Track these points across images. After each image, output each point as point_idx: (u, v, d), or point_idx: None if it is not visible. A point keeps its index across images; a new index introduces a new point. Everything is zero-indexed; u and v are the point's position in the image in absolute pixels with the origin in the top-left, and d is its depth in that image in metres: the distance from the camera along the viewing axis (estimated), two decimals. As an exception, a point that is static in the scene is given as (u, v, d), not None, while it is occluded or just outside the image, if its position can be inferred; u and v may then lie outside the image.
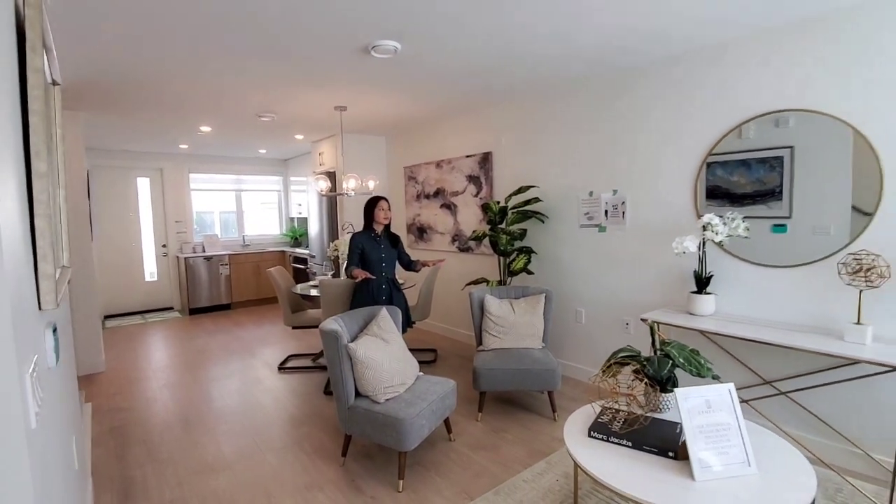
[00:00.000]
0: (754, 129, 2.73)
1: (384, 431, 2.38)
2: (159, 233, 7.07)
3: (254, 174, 7.88)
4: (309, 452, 2.77)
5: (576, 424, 2.05)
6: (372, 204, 3.39)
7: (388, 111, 4.50)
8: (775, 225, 2.69)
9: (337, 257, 4.27)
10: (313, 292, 4.18)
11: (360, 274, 3.18)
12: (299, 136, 5.83)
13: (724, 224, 2.72)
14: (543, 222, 3.97)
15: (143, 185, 6.96)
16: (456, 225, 4.94)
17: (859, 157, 2.37)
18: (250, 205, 7.97)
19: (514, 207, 3.94)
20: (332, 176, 5.82)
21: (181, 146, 6.38)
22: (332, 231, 5.96)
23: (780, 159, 2.65)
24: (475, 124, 4.61)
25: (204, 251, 7.11)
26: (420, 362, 4.33)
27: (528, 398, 3.44)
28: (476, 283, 4.09)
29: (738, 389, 2.87)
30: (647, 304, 3.31)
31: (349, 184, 4.19)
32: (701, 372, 1.96)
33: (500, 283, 3.93)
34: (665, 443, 1.78)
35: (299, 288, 4.38)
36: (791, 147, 2.60)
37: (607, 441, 1.88)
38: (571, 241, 3.79)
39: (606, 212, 3.54)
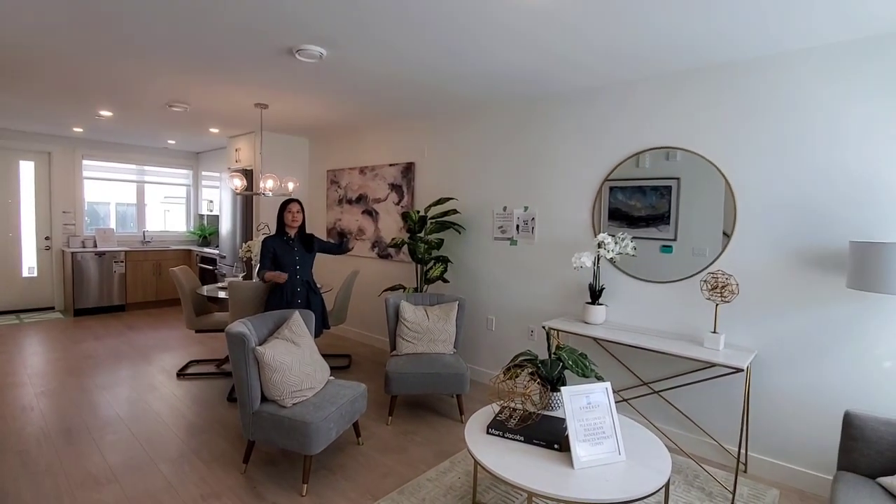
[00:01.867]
0: (650, 159, 3.10)
1: (290, 436, 2.36)
2: (42, 223, 6.31)
3: (160, 165, 7.31)
4: (207, 461, 2.65)
5: (477, 423, 2.20)
6: (282, 208, 3.36)
7: (312, 113, 4.46)
8: (663, 246, 3.06)
9: (250, 259, 4.12)
10: (221, 294, 4.00)
11: (273, 276, 3.13)
12: (214, 130, 5.55)
13: (616, 243, 3.06)
14: (460, 233, 4.16)
15: (27, 169, 6.18)
16: (377, 231, 4.98)
17: (726, 193, 2.81)
18: (154, 198, 7.38)
19: (433, 217, 4.08)
20: (248, 174, 5.60)
21: (75, 129, 5.77)
22: (247, 231, 5.71)
23: (669, 188, 3.03)
24: (400, 134, 4.71)
25: (95, 246, 6.45)
26: (334, 367, 4.30)
27: (438, 401, 3.57)
28: (393, 289, 4.17)
29: (621, 390, 3.22)
30: (550, 312, 3.60)
31: (267, 184, 4.08)
32: (586, 373, 2.20)
33: (416, 290, 4.04)
34: (552, 436, 1.98)
35: (206, 289, 4.17)
36: (678, 178, 2.99)
37: (503, 437, 2.05)
38: (485, 252, 4.01)
39: (518, 226, 3.79)
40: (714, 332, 2.65)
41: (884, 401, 2.33)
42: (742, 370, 2.37)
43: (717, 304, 2.68)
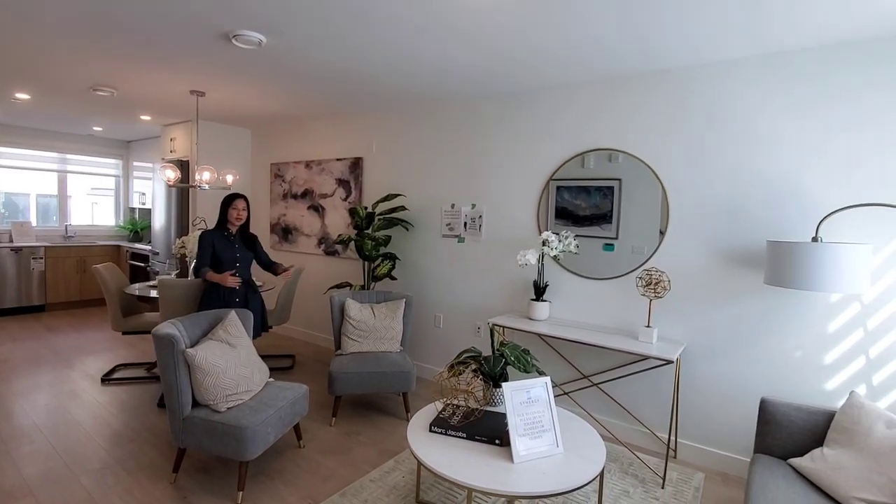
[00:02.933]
0: (594, 160, 3.19)
1: (224, 441, 2.25)
2: (-58, 215, 5.66)
3: (85, 154, 6.75)
4: (133, 472, 2.48)
5: (420, 421, 2.19)
6: (227, 202, 3.18)
7: (253, 103, 4.27)
8: (606, 244, 3.17)
9: (184, 255, 3.89)
10: (153, 293, 3.75)
11: (218, 279, 2.97)
12: (146, 117, 5.19)
13: (560, 241, 3.14)
14: (408, 230, 4.13)
15: (-79, 154, 5.52)
16: (323, 227, 4.85)
17: (661, 195, 2.94)
18: (80, 190, 6.82)
19: (381, 214, 4.02)
20: (184, 165, 5.28)
21: (-17, 112, 5.21)
22: (182, 226, 5.39)
23: (611, 188, 3.13)
24: (348, 128, 4.61)
25: (11, 241, 5.88)
26: (276, 368, 4.15)
27: (384, 400, 3.53)
28: (340, 287, 4.08)
29: (563, 383, 3.32)
30: (497, 309, 3.65)
31: (203, 176, 3.87)
32: (527, 369, 2.24)
33: (363, 287, 3.97)
34: (494, 431, 2.00)
35: (136, 288, 3.89)
36: (620, 179, 3.10)
37: (445, 434, 2.05)
38: (433, 249, 4.00)
39: (466, 224, 3.81)
40: (648, 326, 2.78)
41: (795, 387, 2.54)
42: (672, 362, 2.50)
43: (650, 300, 2.82)
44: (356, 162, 4.52)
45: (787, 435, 2.11)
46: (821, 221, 2.33)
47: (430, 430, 2.07)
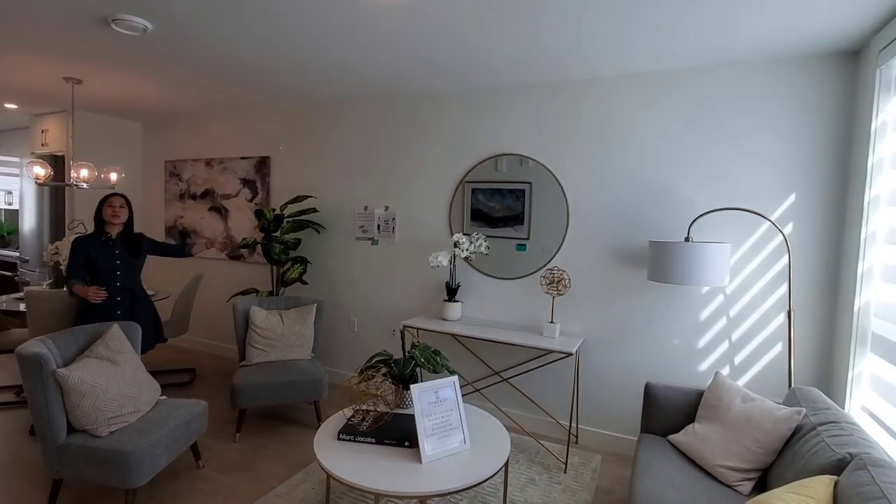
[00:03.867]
0: (507, 164, 3.32)
1: (106, 469, 2.02)
2: None
3: (-73, 145, 5.72)
4: (-9, 514, 2.15)
5: (328, 429, 2.14)
6: (101, 202, 2.86)
7: (142, 94, 3.89)
8: (519, 244, 3.30)
9: (58, 263, 3.45)
10: (21, 307, 3.28)
11: (82, 292, 2.64)
12: (11, 106, 4.52)
13: (471, 243, 3.23)
14: (319, 233, 4.01)
15: None
16: (227, 230, 4.55)
17: (564, 198, 3.14)
18: (-82, 187, 5.75)
19: (290, 216, 3.86)
20: (59, 161, 4.67)
21: None
22: (57, 230, 4.77)
23: (523, 191, 3.27)
24: (253, 126, 4.36)
25: None
26: (173, 385, 3.82)
27: (294, 411, 3.39)
28: (245, 293, 3.85)
29: (475, 381, 3.42)
30: (411, 311, 3.67)
31: (81, 173, 3.45)
32: (437, 369, 2.28)
33: (271, 293, 3.79)
34: (403, 434, 2.01)
35: (2, 301, 3.38)
36: (530, 183, 3.24)
37: (355, 441, 2.02)
38: (347, 252, 3.92)
39: (379, 226, 3.79)
40: (552, 321, 2.96)
41: (675, 371, 2.84)
42: (572, 354, 2.69)
43: (553, 297, 3.00)
44: (263, 161, 4.29)
45: (667, 415, 2.36)
46: (691, 223, 2.64)
47: (339, 438, 2.03)
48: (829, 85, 2.46)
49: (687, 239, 2.58)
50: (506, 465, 1.99)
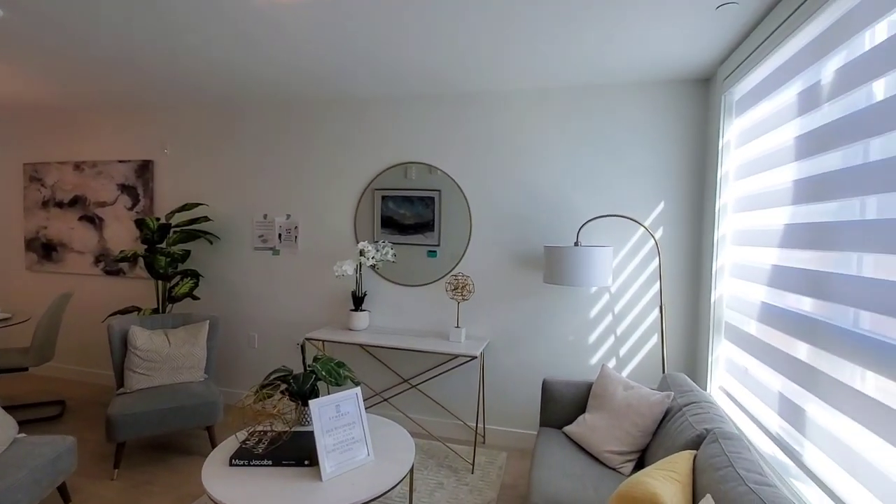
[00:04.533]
0: (416, 171, 3.33)
1: (-67, 532, 1.69)
2: None
3: None
4: None
5: (220, 455, 1.98)
6: None
7: (-12, 87, 3.34)
8: (430, 251, 3.32)
9: None
10: None
11: None
12: None
13: (377, 251, 3.20)
14: (213, 244, 3.73)
15: None
16: (102, 243, 4.05)
17: (466, 204, 3.23)
18: None
19: (178, 226, 3.54)
20: None
21: None
22: None
23: (433, 199, 3.30)
24: (133, 126, 3.95)
25: None
26: (37, 420, 3.31)
27: (186, 438, 3.10)
28: (125, 312, 3.46)
29: (383, 390, 3.39)
30: (316, 323, 3.54)
31: None
32: (339, 381, 2.22)
33: (156, 311, 3.44)
34: (302, 452, 1.93)
35: None
36: (439, 190, 3.28)
37: (249, 465, 1.90)
38: (245, 263, 3.69)
39: (280, 235, 3.61)
40: (457, 326, 3.03)
41: (570, 366, 3.05)
42: (476, 357, 2.77)
43: (458, 302, 3.08)
44: (145, 165, 3.90)
45: (562, 407, 2.52)
46: (580, 229, 2.86)
47: (231, 464, 1.89)
48: (687, 107, 2.81)
49: (576, 243, 2.80)
50: (411, 472, 1.99)
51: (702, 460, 1.56)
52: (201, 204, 3.62)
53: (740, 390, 2.27)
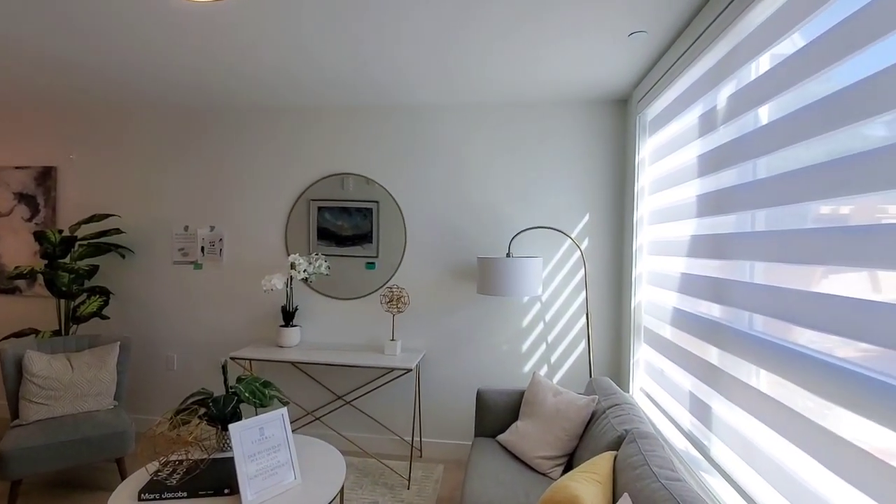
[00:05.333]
0: (353, 183, 3.25)
1: None
2: None
3: None
4: None
5: (128, 490, 1.81)
6: None
7: None
8: (368, 263, 3.25)
9: None
10: None
11: None
12: None
13: (310, 263, 3.10)
14: (125, 258, 3.44)
15: None
16: (-7, 258, 3.62)
17: (400, 215, 3.21)
18: None
19: (85, 238, 3.24)
20: None
21: None
22: None
23: (370, 210, 3.24)
24: (32, 129, 3.57)
25: None
26: None
27: (92, 472, 2.81)
28: (21, 335, 3.09)
29: (316, 408, 3.27)
30: (243, 340, 3.36)
31: None
32: (265, 402, 2.11)
33: (58, 332, 3.11)
34: (221, 481, 1.80)
35: None
36: (377, 202, 3.23)
37: (160, 499, 1.74)
38: (163, 279, 3.43)
39: (203, 248, 3.41)
40: (392, 339, 2.99)
41: (504, 375, 3.11)
42: (411, 370, 2.74)
43: (394, 315, 3.04)
44: (46, 172, 3.54)
45: (495, 416, 2.56)
46: (511, 240, 2.94)
47: (140, 499, 1.73)
48: (608, 125, 2.99)
49: (508, 254, 2.87)
50: (341, 492, 1.92)
51: (621, 460, 1.64)
52: (112, 215, 3.33)
53: (658, 391, 2.42)
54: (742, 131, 1.63)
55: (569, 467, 2.16)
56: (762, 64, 1.62)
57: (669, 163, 2.32)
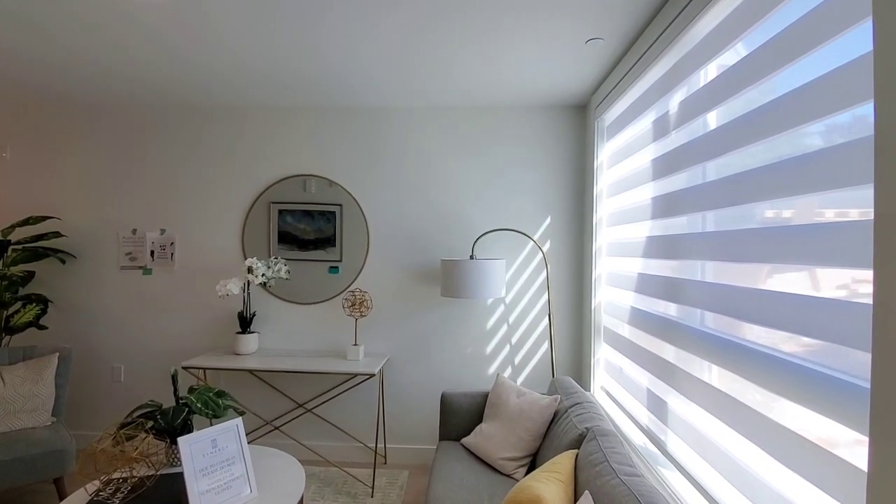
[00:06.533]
0: (315, 185, 3.17)
1: None
2: None
3: None
4: None
5: (65, 514, 1.68)
6: None
7: None
8: (332, 266, 3.16)
9: None
10: None
11: None
12: None
13: (269, 267, 3.00)
14: (66, 263, 3.22)
15: None
16: (-89, 264, 3.30)
17: (363, 218, 3.16)
18: None
19: (20, 242, 3.01)
20: None
21: None
22: None
23: (334, 213, 3.16)
24: (-42, 124, 3.30)
25: None
26: None
27: (27, 495, 2.60)
28: (-58, 349, 2.83)
29: (274, 418, 3.16)
30: (197, 348, 3.21)
31: None
32: (218, 413, 2.02)
33: (-13, 345, 2.87)
34: (169, 499, 1.70)
35: None
36: (341, 205, 3.16)
37: (102, 520, 1.63)
38: (108, 285, 3.23)
39: (153, 252, 3.24)
40: (355, 344, 2.93)
41: (468, 378, 3.10)
42: (374, 375, 2.69)
43: (357, 319, 2.99)
44: (-25, 172, 3.27)
45: (460, 419, 2.54)
46: (475, 242, 2.95)
47: (78, 522, 1.61)
48: (568, 130, 3.06)
49: (471, 257, 2.87)
50: (300, 502, 1.86)
51: (582, 458, 1.66)
52: (51, 217, 3.11)
53: (617, 389, 2.48)
54: (693, 135, 1.70)
55: (532, 467, 2.17)
56: (710, 72, 1.69)
57: (626, 167, 2.39)
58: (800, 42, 1.10)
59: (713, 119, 1.66)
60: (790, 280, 1.29)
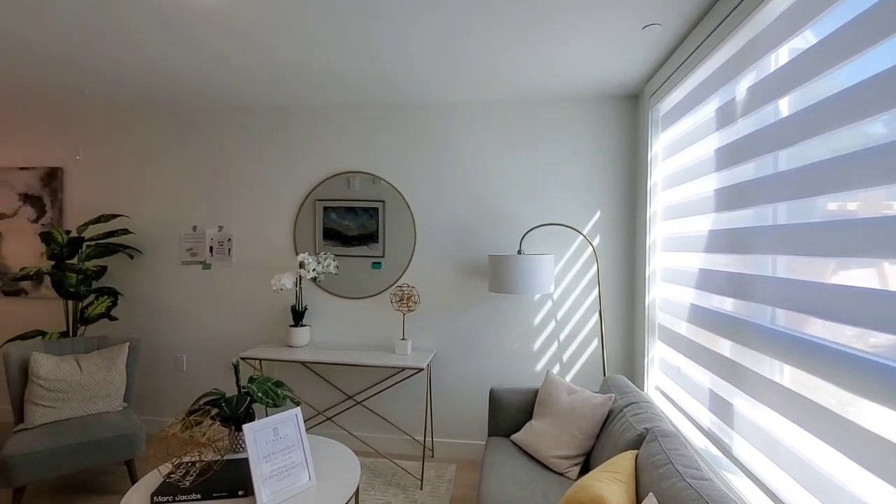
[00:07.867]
0: (359, 182, 3.23)
1: None
2: None
3: None
4: None
5: (140, 493, 1.79)
6: None
7: None
8: (374, 262, 3.23)
9: None
10: None
11: None
12: None
13: (318, 263, 3.08)
14: (133, 258, 3.42)
15: None
16: (0, 259, 3.60)
17: (410, 214, 3.19)
18: None
19: (93, 239, 3.22)
20: None
21: None
22: None
23: (376, 209, 3.22)
24: (38, 129, 3.56)
25: None
26: None
27: (101, 476, 2.79)
28: (26, 337, 3.08)
29: (326, 409, 3.24)
30: (253, 341, 3.34)
31: None
32: (278, 402, 2.09)
33: (65, 334, 3.09)
34: (235, 483, 1.78)
35: None
36: (383, 201, 3.21)
37: (174, 501, 1.72)
38: (171, 279, 3.41)
39: (212, 248, 3.39)
40: (403, 338, 2.97)
41: (516, 374, 3.08)
42: (423, 369, 2.72)
43: (404, 314, 3.02)
44: (53, 172, 3.52)
45: (509, 415, 2.53)
46: (522, 238, 2.92)
47: (153, 502, 1.71)
48: (619, 121, 2.97)
49: (519, 252, 2.84)
50: (356, 493, 1.90)
51: (643, 459, 1.61)
52: (120, 215, 3.32)
53: (674, 388, 2.39)
54: (762, 124, 1.60)
55: (586, 467, 2.13)
56: (781, 56, 1.59)
57: (684, 157, 2.30)
58: (886, 22, 1.01)
59: (785, 105, 1.56)
60: (856, 276, 1.20)
